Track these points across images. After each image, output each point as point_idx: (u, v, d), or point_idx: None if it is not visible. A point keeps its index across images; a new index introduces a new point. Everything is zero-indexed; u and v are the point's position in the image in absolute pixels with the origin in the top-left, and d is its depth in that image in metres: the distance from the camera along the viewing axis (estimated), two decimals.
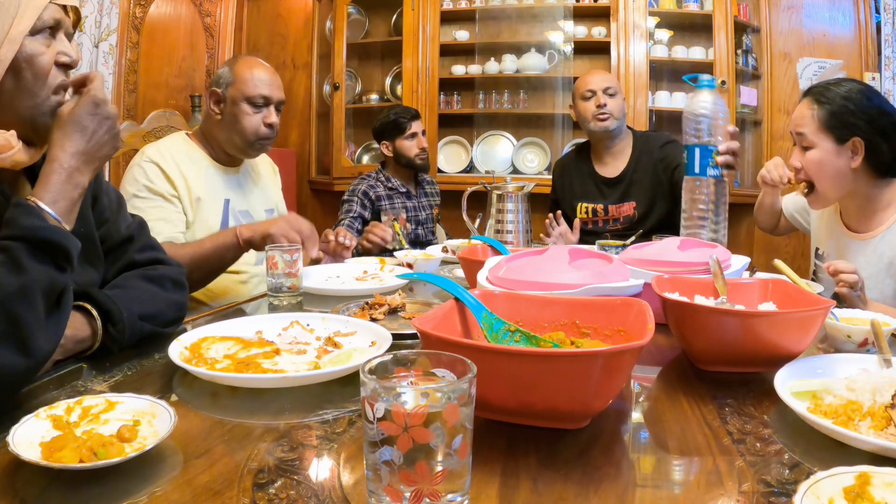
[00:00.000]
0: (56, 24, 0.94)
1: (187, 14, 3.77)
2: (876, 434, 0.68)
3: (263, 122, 1.80)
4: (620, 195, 2.46)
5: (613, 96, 2.41)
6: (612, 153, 2.49)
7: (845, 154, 1.59)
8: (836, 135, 1.59)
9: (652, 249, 1.28)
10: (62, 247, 0.84)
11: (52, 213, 0.86)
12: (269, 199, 2.02)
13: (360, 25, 4.08)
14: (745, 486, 0.61)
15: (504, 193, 1.92)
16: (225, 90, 1.80)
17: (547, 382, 0.67)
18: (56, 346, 0.85)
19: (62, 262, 0.85)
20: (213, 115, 1.82)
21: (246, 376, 0.86)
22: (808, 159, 1.63)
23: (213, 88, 1.82)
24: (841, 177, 1.61)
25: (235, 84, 1.79)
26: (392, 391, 0.51)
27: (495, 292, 0.94)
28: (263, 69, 1.83)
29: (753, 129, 3.76)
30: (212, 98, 1.82)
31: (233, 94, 1.79)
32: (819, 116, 1.60)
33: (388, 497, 0.52)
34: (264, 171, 2.06)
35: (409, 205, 2.83)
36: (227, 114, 1.80)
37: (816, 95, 1.63)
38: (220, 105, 1.81)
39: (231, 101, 1.79)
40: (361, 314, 1.19)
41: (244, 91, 1.77)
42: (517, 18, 3.91)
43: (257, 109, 1.79)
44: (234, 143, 1.82)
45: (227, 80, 1.80)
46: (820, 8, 3.58)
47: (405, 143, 2.76)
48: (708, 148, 1.53)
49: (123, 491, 0.59)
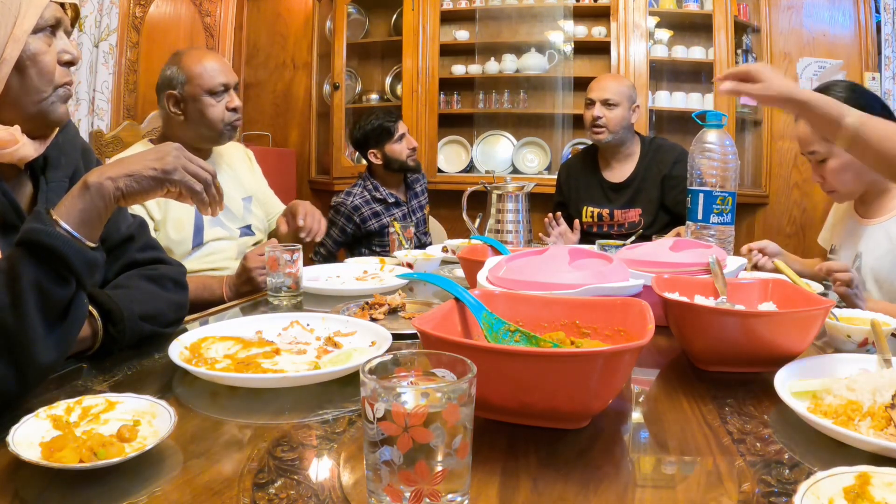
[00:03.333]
0: (56, 22, 0.94)
1: (187, 14, 3.77)
2: (876, 434, 0.68)
3: (227, 107, 1.80)
4: (627, 201, 2.45)
5: (613, 107, 2.38)
6: (617, 159, 2.49)
7: None
8: None
9: (644, 250, 1.28)
10: (61, 255, 0.80)
11: (64, 223, 0.82)
12: (244, 187, 1.99)
13: (360, 25, 4.08)
14: (745, 486, 0.61)
15: (504, 193, 1.92)
16: (181, 90, 1.79)
17: (547, 382, 0.67)
18: (59, 360, 0.82)
19: (63, 272, 0.80)
20: (175, 117, 1.81)
21: (246, 376, 0.86)
22: (829, 170, 1.67)
23: (168, 91, 1.80)
24: (862, 172, 1.65)
25: (191, 81, 1.78)
26: (392, 391, 0.51)
27: (495, 292, 0.94)
28: (212, 58, 1.83)
29: (753, 129, 3.76)
30: (169, 101, 1.80)
31: (191, 91, 1.78)
32: None
33: (388, 497, 0.52)
34: (237, 159, 2.03)
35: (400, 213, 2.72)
36: (190, 112, 1.79)
37: None
38: (179, 106, 1.80)
39: (191, 98, 1.78)
40: (361, 314, 1.19)
41: (202, 85, 1.77)
42: (517, 18, 3.91)
43: (219, 98, 1.79)
44: (204, 136, 1.82)
45: (181, 79, 1.79)
46: (820, 8, 3.58)
47: (395, 147, 2.63)
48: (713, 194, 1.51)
49: (123, 491, 0.59)
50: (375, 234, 2.67)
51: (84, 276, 0.83)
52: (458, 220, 2.15)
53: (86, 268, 0.83)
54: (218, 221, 1.85)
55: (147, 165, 0.90)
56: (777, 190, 3.67)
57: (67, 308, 0.82)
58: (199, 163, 0.95)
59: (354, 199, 2.61)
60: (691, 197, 1.54)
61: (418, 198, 2.82)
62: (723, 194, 1.52)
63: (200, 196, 0.94)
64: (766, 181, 3.67)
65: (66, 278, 0.81)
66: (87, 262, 0.83)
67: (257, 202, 2.02)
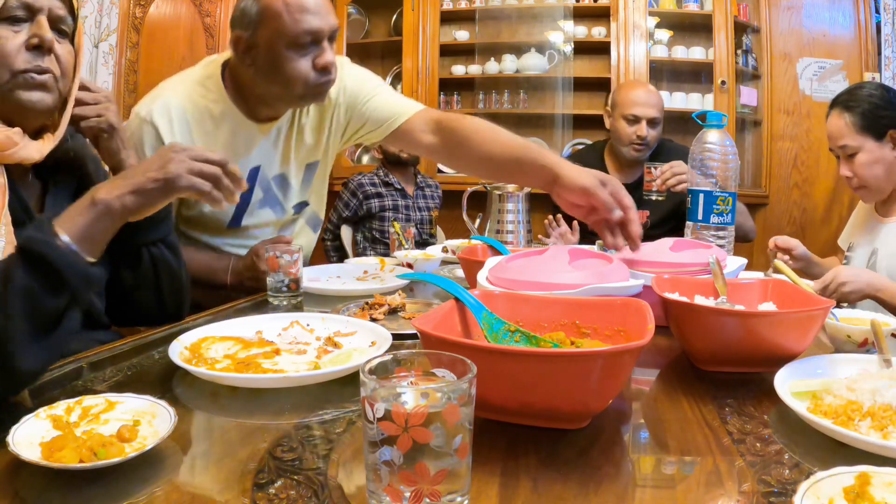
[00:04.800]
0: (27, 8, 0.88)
1: (187, 14, 3.77)
2: (876, 434, 0.68)
3: (315, 65, 1.34)
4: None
5: (657, 126, 2.39)
6: (628, 162, 2.49)
7: (888, 147, 1.68)
8: (875, 133, 1.68)
9: (644, 250, 1.27)
10: (55, 267, 0.78)
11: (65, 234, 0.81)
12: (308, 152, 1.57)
13: (360, 25, 4.08)
14: (745, 486, 0.61)
15: (504, 193, 1.92)
16: (253, 33, 1.33)
17: (547, 382, 0.67)
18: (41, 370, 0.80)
19: (56, 284, 0.78)
20: (245, 65, 1.38)
21: (246, 376, 0.86)
22: (858, 164, 1.70)
23: (238, 32, 1.35)
24: (891, 169, 1.70)
25: (266, 22, 1.31)
26: (392, 391, 0.51)
27: (495, 292, 0.94)
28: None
29: (753, 129, 3.76)
30: (238, 46, 1.36)
31: (266, 36, 1.31)
32: (853, 122, 1.69)
33: (388, 497, 0.52)
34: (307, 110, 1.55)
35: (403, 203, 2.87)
36: (261, 64, 1.34)
37: (843, 104, 1.72)
38: (250, 53, 1.35)
39: (266, 46, 1.32)
40: (361, 314, 1.18)
41: (282, 31, 1.30)
42: (517, 18, 3.91)
43: (305, 52, 1.32)
44: (280, 96, 1.40)
45: (254, 18, 1.32)
46: (820, 8, 3.58)
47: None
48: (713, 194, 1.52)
49: (123, 491, 0.59)
50: (376, 216, 2.89)
51: (80, 291, 0.82)
52: (459, 221, 2.15)
53: (82, 282, 0.82)
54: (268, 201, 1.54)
55: (150, 177, 0.89)
56: (777, 190, 3.67)
57: (59, 319, 0.80)
58: (205, 156, 0.92)
59: (362, 178, 2.88)
60: (691, 197, 1.55)
61: (426, 199, 2.94)
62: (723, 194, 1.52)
63: (211, 195, 0.92)
64: (766, 181, 3.67)
65: (59, 290, 0.79)
66: (84, 276, 0.82)
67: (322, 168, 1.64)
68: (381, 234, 2.90)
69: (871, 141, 1.68)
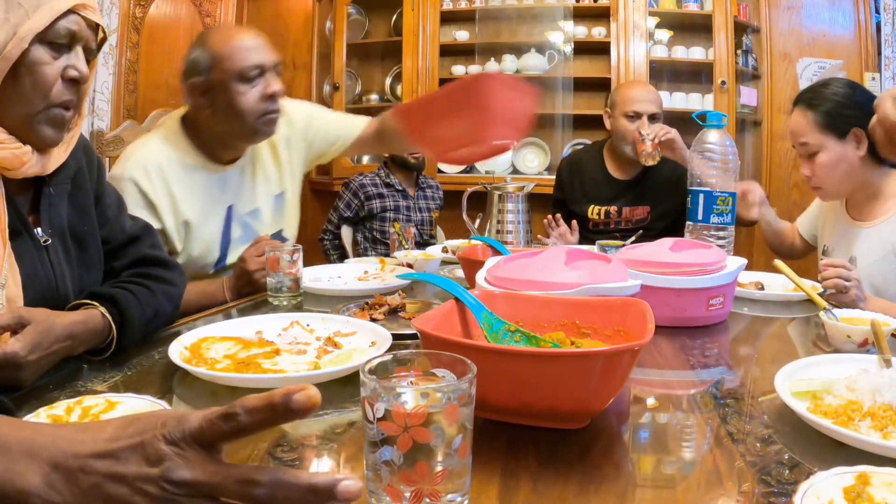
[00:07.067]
0: (71, 37, 0.90)
1: (187, 14, 3.77)
2: (876, 434, 0.68)
3: (263, 94, 1.49)
4: (635, 198, 2.43)
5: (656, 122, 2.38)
6: (629, 159, 2.48)
7: (850, 146, 1.64)
8: (837, 131, 1.63)
9: (644, 250, 1.27)
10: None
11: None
12: (272, 184, 1.72)
13: (360, 25, 4.08)
14: (745, 486, 0.61)
15: (504, 194, 1.92)
16: (207, 76, 1.48)
17: (547, 382, 0.67)
18: None
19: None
20: (203, 109, 1.52)
21: (246, 376, 0.86)
22: (819, 164, 1.67)
23: (192, 80, 1.50)
24: (852, 170, 1.65)
25: (218, 65, 1.47)
26: (392, 391, 0.51)
27: (495, 292, 0.94)
28: (243, 34, 1.51)
29: (753, 129, 3.76)
30: (195, 92, 1.51)
31: (218, 77, 1.47)
32: (816, 120, 1.65)
33: (388, 497, 0.52)
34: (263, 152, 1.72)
35: (404, 204, 2.90)
36: (218, 103, 1.49)
37: (807, 101, 1.68)
38: (207, 96, 1.50)
39: (220, 85, 1.47)
40: (361, 314, 1.19)
41: (231, 68, 1.46)
42: (517, 18, 3.91)
43: (252, 83, 1.48)
44: (237, 132, 1.53)
45: (206, 64, 1.48)
46: (820, 8, 3.58)
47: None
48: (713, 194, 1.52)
49: None
50: (376, 216, 2.90)
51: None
52: (458, 221, 2.15)
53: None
54: (247, 236, 1.65)
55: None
56: (777, 190, 3.67)
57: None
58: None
59: (364, 179, 2.89)
60: (691, 197, 1.55)
61: (427, 200, 2.96)
62: (723, 194, 1.52)
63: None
64: (766, 181, 3.66)
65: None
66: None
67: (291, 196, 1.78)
68: (382, 235, 2.91)
69: (832, 140, 1.64)
